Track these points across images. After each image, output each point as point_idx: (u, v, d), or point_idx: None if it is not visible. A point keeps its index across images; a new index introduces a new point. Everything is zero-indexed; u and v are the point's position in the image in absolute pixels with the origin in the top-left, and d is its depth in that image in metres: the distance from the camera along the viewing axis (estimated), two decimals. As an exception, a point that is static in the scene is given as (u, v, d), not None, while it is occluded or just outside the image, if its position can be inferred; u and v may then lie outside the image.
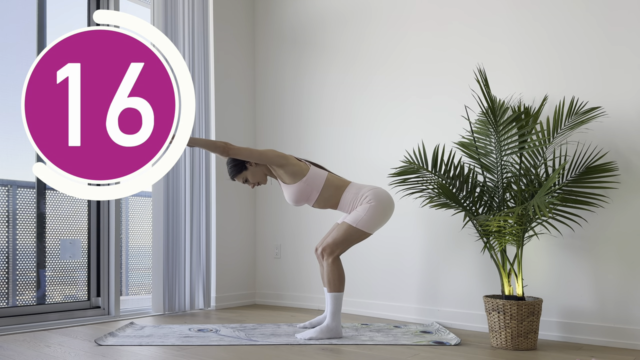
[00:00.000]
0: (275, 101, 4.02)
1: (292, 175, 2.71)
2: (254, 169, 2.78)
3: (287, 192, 2.77)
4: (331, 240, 2.65)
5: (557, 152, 2.68)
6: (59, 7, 3.32)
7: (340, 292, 2.61)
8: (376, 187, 2.75)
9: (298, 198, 2.74)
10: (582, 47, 2.68)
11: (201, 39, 3.71)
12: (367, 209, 2.63)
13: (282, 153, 2.73)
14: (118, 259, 3.34)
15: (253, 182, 2.80)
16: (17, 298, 3.04)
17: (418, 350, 2.41)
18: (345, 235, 2.63)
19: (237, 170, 2.78)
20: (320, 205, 2.79)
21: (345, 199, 2.74)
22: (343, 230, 2.64)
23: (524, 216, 2.45)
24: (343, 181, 2.80)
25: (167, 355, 2.32)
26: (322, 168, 2.83)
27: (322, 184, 2.73)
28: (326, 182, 2.74)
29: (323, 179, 2.74)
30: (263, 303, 3.97)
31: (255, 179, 2.79)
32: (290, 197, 2.76)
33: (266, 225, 4.03)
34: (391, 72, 3.40)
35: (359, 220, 2.62)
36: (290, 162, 2.71)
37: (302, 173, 2.71)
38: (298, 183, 2.71)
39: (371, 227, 2.65)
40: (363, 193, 2.70)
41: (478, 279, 2.95)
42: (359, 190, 2.73)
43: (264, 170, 2.80)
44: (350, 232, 2.63)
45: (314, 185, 2.72)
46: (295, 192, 2.73)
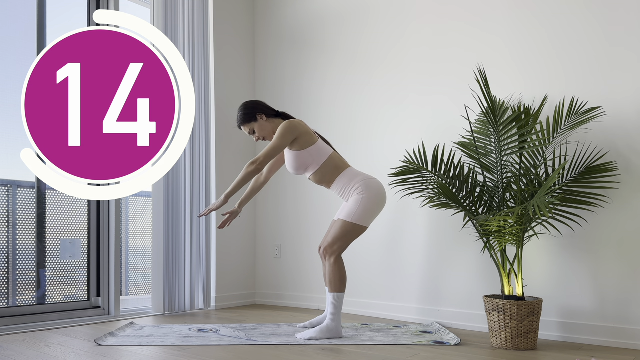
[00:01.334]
0: (275, 101, 4.02)
1: (300, 143, 2.70)
2: (264, 123, 2.77)
3: (288, 158, 2.76)
4: (330, 239, 2.65)
5: (557, 152, 2.68)
6: (59, 7, 3.32)
7: (341, 293, 2.61)
8: (368, 177, 2.73)
9: (297, 166, 2.73)
10: (582, 47, 2.68)
11: (201, 39, 3.71)
12: (359, 202, 2.63)
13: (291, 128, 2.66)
14: (118, 259, 3.34)
15: (259, 136, 2.80)
16: (17, 298, 3.04)
17: (418, 350, 2.41)
18: (342, 231, 2.63)
19: (247, 118, 2.77)
20: (316, 179, 2.78)
21: (339, 181, 2.73)
22: (340, 227, 2.64)
23: (524, 216, 2.45)
24: (343, 163, 2.78)
25: (167, 355, 2.32)
26: (329, 144, 2.83)
27: (324, 160, 2.72)
28: (328, 159, 2.73)
29: (326, 155, 2.73)
30: (263, 303, 3.97)
31: (262, 133, 2.79)
32: (290, 163, 2.76)
33: (266, 225, 4.03)
34: (391, 71, 3.40)
35: (352, 214, 2.62)
36: (301, 134, 2.68)
37: (309, 143, 2.70)
38: (302, 151, 2.70)
39: (366, 220, 2.65)
40: (355, 183, 2.68)
41: (478, 279, 2.95)
42: (353, 178, 2.71)
43: (274, 128, 2.78)
44: (347, 228, 2.63)
45: (316, 158, 2.71)
46: (296, 159, 2.72)
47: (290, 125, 2.68)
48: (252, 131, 2.80)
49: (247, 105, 2.80)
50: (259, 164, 2.63)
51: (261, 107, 2.80)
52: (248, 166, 2.64)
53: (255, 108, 2.78)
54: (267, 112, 2.80)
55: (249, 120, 2.77)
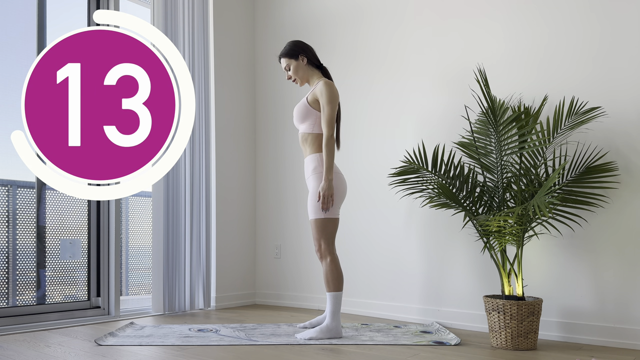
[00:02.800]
0: (275, 101, 4.02)
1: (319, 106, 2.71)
2: (303, 66, 2.81)
3: (300, 106, 2.77)
4: (315, 241, 2.69)
5: (557, 152, 2.68)
6: (59, 7, 3.32)
7: (339, 292, 2.61)
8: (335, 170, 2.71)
9: (301, 117, 2.75)
10: (582, 47, 2.68)
11: (201, 39, 3.71)
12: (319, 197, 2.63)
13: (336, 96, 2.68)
14: (118, 259, 3.34)
15: (292, 75, 2.83)
16: (17, 298, 3.04)
17: (418, 350, 2.41)
18: (319, 229, 2.66)
19: (290, 53, 2.82)
20: (302, 139, 2.79)
21: (315, 158, 2.72)
22: (315, 227, 2.67)
23: (524, 216, 2.44)
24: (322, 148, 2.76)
25: (167, 355, 2.32)
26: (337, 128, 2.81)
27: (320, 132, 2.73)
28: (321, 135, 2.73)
29: None
30: (263, 303, 3.97)
31: (296, 74, 2.82)
32: (298, 110, 2.77)
33: (266, 225, 4.03)
34: (390, 70, 3.40)
35: (318, 210, 2.64)
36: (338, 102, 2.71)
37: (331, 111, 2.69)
38: (316, 113, 2.72)
39: (334, 211, 2.67)
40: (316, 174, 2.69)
41: (478, 279, 2.95)
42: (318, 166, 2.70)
43: (309, 75, 2.83)
44: (320, 225, 2.65)
45: (318, 124, 2.73)
46: (304, 112, 2.73)
47: (334, 92, 2.69)
48: (288, 67, 2.84)
49: (297, 43, 2.84)
50: (332, 136, 2.65)
51: (308, 50, 2.84)
52: (327, 143, 2.63)
53: (303, 49, 2.82)
54: (311, 58, 2.83)
55: (292, 56, 2.81)
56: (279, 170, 3.97)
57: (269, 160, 4.03)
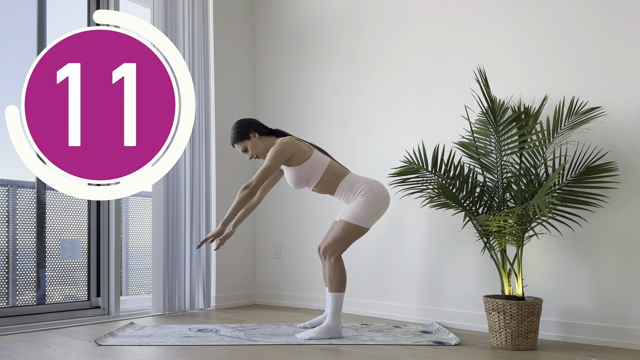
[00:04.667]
0: (275, 101, 4.02)
1: (295, 160, 2.71)
2: (257, 141, 2.77)
3: (288, 174, 2.77)
4: (331, 239, 2.65)
5: (557, 152, 2.68)
6: (59, 7, 3.32)
7: (341, 293, 2.61)
8: (371, 180, 2.75)
9: (298, 180, 2.75)
10: (582, 47, 2.68)
11: (201, 39, 3.71)
12: (362, 204, 2.64)
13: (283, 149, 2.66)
14: (118, 259, 3.34)
15: (252, 154, 2.80)
16: (17, 298, 3.04)
17: (418, 350, 2.41)
18: (343, 232, 2.63)
19: (240, 137, 2.78)
20: (318, 190, 2.80)
21: (341, 187, 2.74)
22: (341, 228, 2.64)
23: (524, 216, 2.45)
24: (342, 170, 2.80)
25: (167, 355, 2.32)
26: (325, 153, 2.83)
27: (324, 170, 2.74)
28: (327, 169, 2.75)
29: (325, 165, 2.75)
30: (263, 303, 3.97)
31: (255, 151, 2.79)
32: (291, 179, 2.77)
33: (266, 225, 4.03)
34: (390, 71, 3.40)
35: (355, 216, 2.63)
36: (295, 152, 2.69)
37: (305, 157, 2.71)
38: (300, 166, 2.71)
39: (368, 222, 2.66)
40: (359, 186, 2.70)
41: (478, 279, 2.95)
42: (356, 182, 2.73)
43: (267, 146, 2.79)
44: (348, 229, 2.63)
45: (315, 169, 2.73)
46: (296, 175, 2.73)
47: (282, 146, 2.67)
48: (245, 149, 2.80)
49: (240, 124, 2.80)
50: (252, 188, 2.61)
51: (254, 125, 2.80)
52: (242, 191, 2.62)
53: (249, 126, 2.78)
54: (260, 130, 2.79)
55: (242, 139, 2.77)
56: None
57: (269, 160, 4.03)
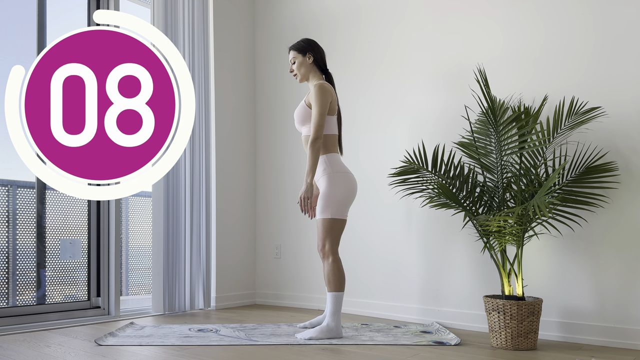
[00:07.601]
0: (275, 101, 4.02)
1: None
2: (307, 64, 2.84)
3: (300, 110, 2.80)
4: (319, 240, 2.68)
5: (557, 152, 2.68)
6: (59, 7, 3.32)
7: (340, 292, 2.61)
8: (344, 170, 2.73)
9: (301, 120, 2.78)
10: (582, 47, 2.68)
11: (201, 39, 3.71)
12: (328, 198, 2.65)
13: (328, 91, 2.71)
14: (118, 259, 3.34)
15: (294, 69, 2.87)
16: (17, 298, 3.04)
17: (418, 350, 2.41)
18: (325, 229, 2.66)
19: (300, 48, 2.86)
20: (304, 143, 2.81)
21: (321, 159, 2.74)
22: (321, 226, 2.67)
23: (524, 216, 2.45)
24: (334, 147, 2.77)
25: (167, 355, 2.32)
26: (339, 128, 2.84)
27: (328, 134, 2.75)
28: (330, 135, 2.75)
29: (329, 131, 2.75)
30: (263, 303, 3.97)
31: (299, 69, 2.85)
32: (298, 114, 2.80)
33: (266, 225, 4.03)
34: (390, 71, 3.40)
35: (327, 210, 2.65)
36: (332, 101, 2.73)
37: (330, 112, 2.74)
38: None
39: (341, 212, 2.68)
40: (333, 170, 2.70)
41: (478, 279, 2.95)
42: (334, 165, 2.72)
43: (308, 75, 2.85)
44: (327, 225, 2.65)
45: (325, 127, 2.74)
46: (304, 114, 2.76)
47: (327, 88, 2.72)
48: (293, 61, 2.87)
49: (309, 41, 2.88)
50: (319, 138, 2.65)
51: (317, 52, 2.86)
52: (313, 144, 2.64)
53: (313, 48, 2.85)
54: (318, 60, 2.85)
55: (300, 51, 2.85)
56: (279, 170, 3.97)
57: (269, 160, 4.03)
